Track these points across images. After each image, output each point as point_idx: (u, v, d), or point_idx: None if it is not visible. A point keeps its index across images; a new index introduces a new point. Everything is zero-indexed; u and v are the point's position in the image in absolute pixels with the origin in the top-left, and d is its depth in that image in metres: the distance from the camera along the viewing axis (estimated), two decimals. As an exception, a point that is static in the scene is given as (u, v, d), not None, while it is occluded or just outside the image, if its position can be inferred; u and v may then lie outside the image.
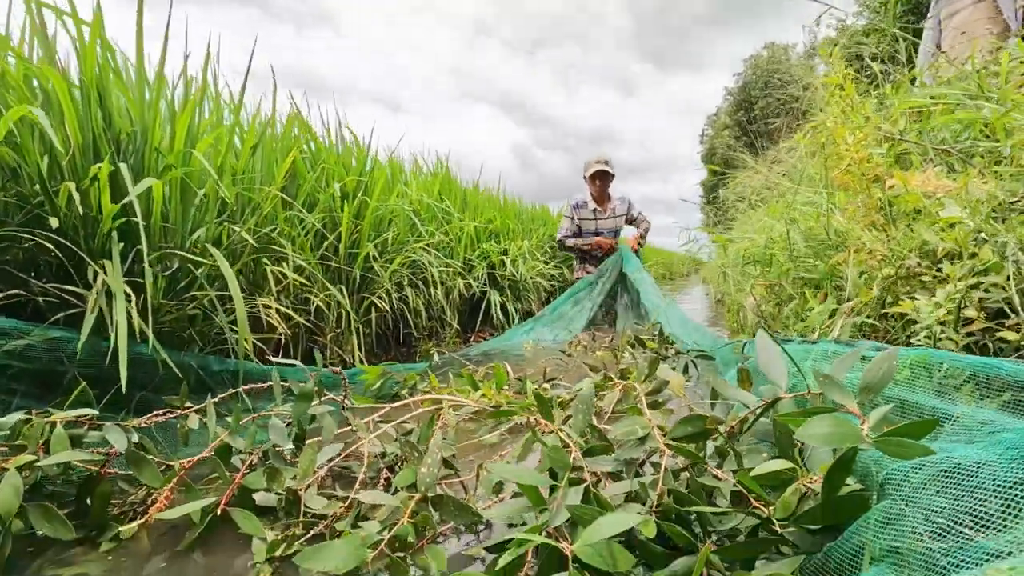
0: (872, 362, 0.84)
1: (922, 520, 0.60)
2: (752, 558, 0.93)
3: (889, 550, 0.63)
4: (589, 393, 1.04)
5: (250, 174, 2.43)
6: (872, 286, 1.38)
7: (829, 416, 0.76)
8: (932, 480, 0.63)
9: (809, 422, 0.76)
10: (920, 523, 0.59)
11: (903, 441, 0.72)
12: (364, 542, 1.00)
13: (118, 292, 1.51)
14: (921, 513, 0.61)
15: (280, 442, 1.29)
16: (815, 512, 0.83)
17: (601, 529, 0.79)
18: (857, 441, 0.75)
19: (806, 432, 0.75)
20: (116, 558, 1.11)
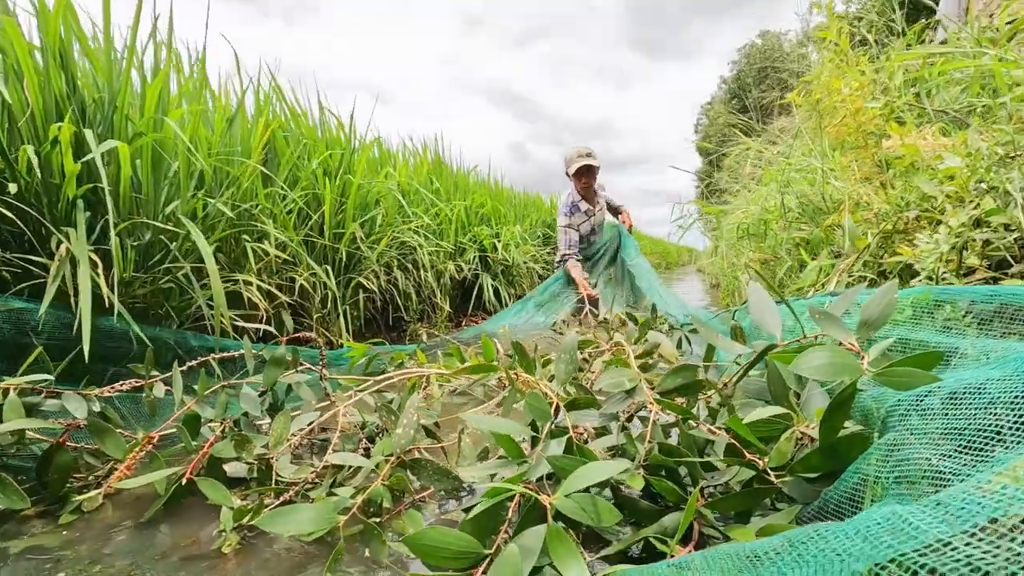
0: (871, 296, 0.78)
1: (930, 446, 0.54)
2: (747, 511, 0.87)
3: (896, 481, 0.58)
4: (572, 341, 0.98)
5: (228, 147, 2.35)
6: (865, 238, 1.32)
7: (826, 347, 0.71)
8: (940, 405, 0.57)
9: (805, 354, 0.70)
10: (928, 449, 0.54)
11: (909, 371, 0.66)
12: (335, 506, 0.94)
13: (82, 259, 1.44)
14: (929, 439, 0.55)
15: (252, 411, 1.23)
16: (812, 458, 0.78)
17: (583, 478, 0.73)
18: (857, 373, 0.69)
19: (802, 364, 0.69)
20: (74, 531, 1.04)
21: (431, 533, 0.72)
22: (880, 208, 1.43)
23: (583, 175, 4.05)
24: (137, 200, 1.87)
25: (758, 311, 0.98)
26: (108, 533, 1.04)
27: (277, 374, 1.26)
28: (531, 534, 0.73)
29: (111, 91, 1.76)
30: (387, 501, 1.01)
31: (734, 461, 0.83)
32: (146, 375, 1.25)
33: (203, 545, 0.99)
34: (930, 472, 0.53)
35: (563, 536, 0.71)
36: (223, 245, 2.34)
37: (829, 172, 2.00)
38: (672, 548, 0.74)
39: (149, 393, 1.23)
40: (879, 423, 0.75)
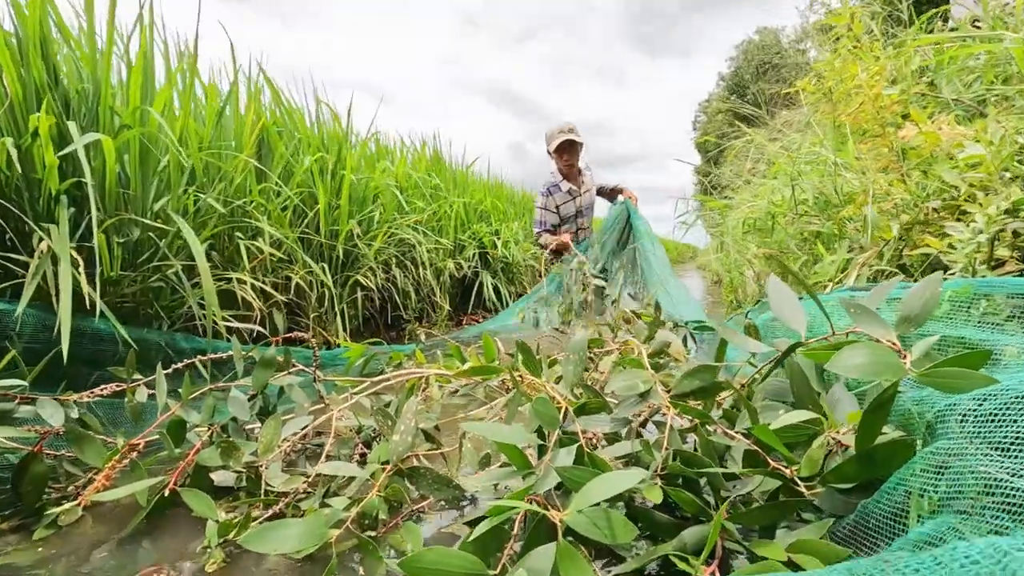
0: (912, 290, 0.72)
1: (998, 458, 0.47)
2: (772, 524, 0.81)
3: (950, 496, 0.51)
4: (582, 341, 0.91)
5: (219, 142, 2.28)
6: (890, 228, 1.25)
7: (865, 344, 0.64)
8: (1005, 409, 0.50)
9: (842, 352, 0.64)
10: (994, 461, 0.47)
11: (958, 371, 0.59)
12: (327, 520, 0.87)
13: (63, 256, 1.37)
14: (992, 450, 0.49)
15: (240, 415, 1.16)
16: (848, 467, 0.71)
17: (596, 492, 0.66)
18: (901, 373, 0.62)
19: (840, 363, 0.62)
20: (50, 547, 0.98)
21: (429, 556, 0.66)
22: (901, 199, 1.36)
23: (565, 152, 3.70)
24: (125, 196, 1.80)
25: (779, 306, 0.91)
26: (86, 549, 0.97)
27: (267, 376, 1.19)
28: (540, 555, 0.66)
29: (95, 82, 1.69)
30: (383, 513, 0.94)
31: (762, 472, 0.76)
32: (128, 378, 1.18)
33: (187, 562, 0.92)
34: (999, 489, 0.46)
35: (575, 556, 0.64)
36: (216, 243, 2.27)
37: (841, 164, 1.93)
38: (697, 569, 0.67)
39: (131, 397, 1.16)
40: (923, 429, 0.68)
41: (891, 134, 1.48)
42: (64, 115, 1.64)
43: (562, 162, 3.75)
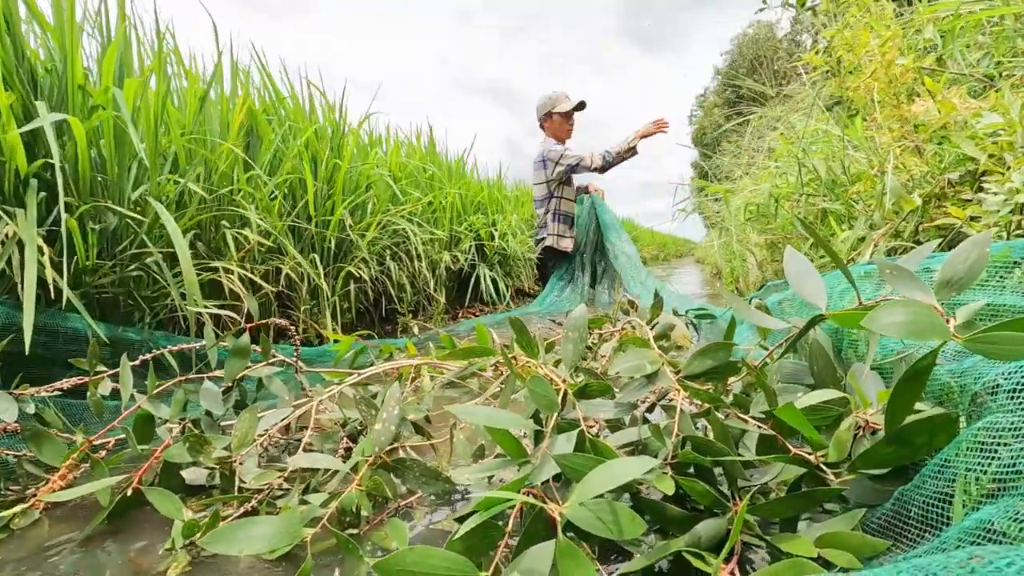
0: (954, 252, 0.63)
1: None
2: (795, 516, 0.73)
3: (1007, 479, 0.43)
4: (581, 317, 0.83)
5: (202, 127, 2.19)
6: (912, 199, 1.17)
7: (904, 302, 0.56)
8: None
9: (879, 309, 0.55)
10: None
11: (1015, 336, 0.51)
12: (302, 517, 0.79)
13: (29, 241, 1.28)
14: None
15: (214, 408, 1.07)
16: (880, 449, 0.63)
17: (599, 482, 0.58)
18: (946, 336, 0.54)
19: (876, 321, 0.54)
20: (0, 551, 0.89)
21: (409, 556, 0.58)
22: (917, 172, 1.28)
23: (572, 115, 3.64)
24: (103, 182, 1.71)
25: (797, 279, 0.83)
26: (40, 553, 0.89)
27: (241, 366, 1.10)
28: (537, 553, 0.58)
29: (64, 59, 1.60)
30: (366, 509, 0.86)
31: (783, 459, 0.68)
32: (90, 371, 1.10)
33: (149, 566, 0.84)
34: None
35: (576, 554, 0.56)
36: (201, 233, 2.19)
37: (848, 141, 1.85)
38: (715, 568, 0.59)
39: (94, 391, 1.08)
40: (967, 404, 0.60)
41: (904, 105, 1.40)
42: (32, 94, 1.55)
43: (566, 127, 3.67)
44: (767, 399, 0.79)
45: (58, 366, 1.37)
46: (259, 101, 2.83)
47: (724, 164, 5.66)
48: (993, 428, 0.51)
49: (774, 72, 7.85)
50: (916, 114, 1.46)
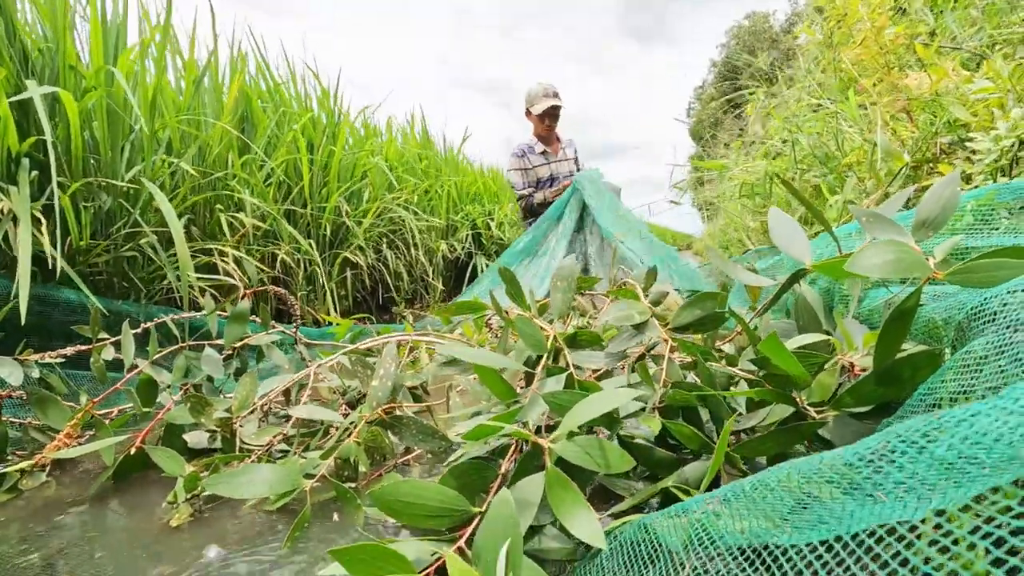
0: (928, 192, 0.65)
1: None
2: (781, 454, 0.74)
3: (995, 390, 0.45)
4: (570, 266, 0.84)
5: (197, 110, 2.19)
6: (902, 156, 1.19)
7: (885, 243, 0.57)
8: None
9: (861, 252, 0.57)
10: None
11: (996, 263, 0.53)
12: (301, 468, 0.80)
13: (23, 216, 1.29)
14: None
15: (214, 373, 1.09)
16: (865, 386, 0.64)
17: (585, 412, 0.60)
18: (926, 271, 0.56)
19: (860, 262, 0.56)
20: (7, 510, 0.91)
21: (404, 488, 0.59)
22: (908, 136, 1.29)
23: (548, 116, 3.49)
24: (95, 161, 1.72)
25: (782, 236, 0.84)
26: (47, 512, 0.90)
27: (241, 331, 1.12)
28: (528, 484, 0.60)
29: (56, 38, 1.60)
30: (364, 464, 0.88)
31: (766, 392, 0.69)
32: (93, 337, 1.11)
33: (153, 520, 0.85)
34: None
35: (566, 483, 0.58)
36: (196, 217, 2.19)
37: (841, 115, 1.86)
38: (700, 496, 0.61)
39: (97, 357, 1.09)
40: (952, 335, 0.62)
41: (895, 72, 1.41)
42: (24, 74, 1.56)
43: (543, 126, 3.55)
44: (754, 348, 0.81)
45: (56, 338, 1.38)
46: (254, 87, 2.83)
47: (720, 155, 5.67)
48: (979, 349, 0.53)
49: (772, 61, 7.83)
50: (908, 86, 1.47)
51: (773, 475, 0.41)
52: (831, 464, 0.36)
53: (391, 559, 0.50)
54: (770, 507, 0.40)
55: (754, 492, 0.41)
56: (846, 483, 0.34)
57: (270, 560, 0.72)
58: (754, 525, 0.43)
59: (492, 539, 0.48)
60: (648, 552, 0.50)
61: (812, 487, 0.37)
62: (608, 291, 0.94)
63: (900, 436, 0.32)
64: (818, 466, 0.38)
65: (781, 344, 0.62)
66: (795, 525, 0.39)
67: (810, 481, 0.38)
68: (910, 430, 0.32)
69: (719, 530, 0.45)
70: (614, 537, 0.54)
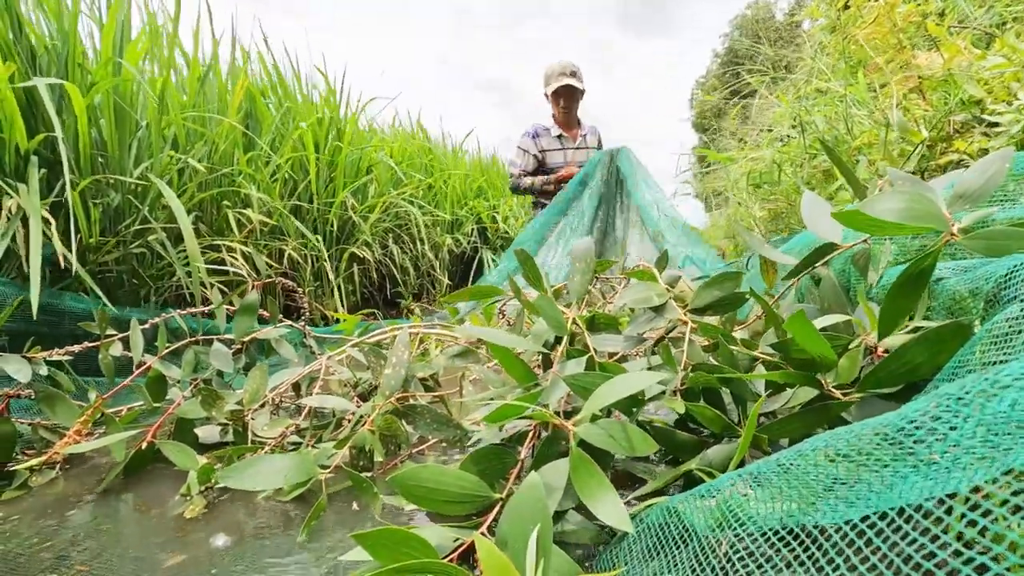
0: (975, 165, 0.63)
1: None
2: (806, 436, 0.73)
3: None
4: (587, 247, 0.83)
5: (202, 107, 2.19)
6: (919, 131, 1.17)
7: (903, 191, 0.55)
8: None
9: (877, 196, 0.55)
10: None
11: (1010, 231, 0.51)
12: (316, 457, 0.79)
13: (33, 214, 1.29)
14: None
15: (223, 367, 1.08)
16: (892, 362, 0.63)
17: (608, 394, 0.58)
18: (942, 225, 0.54)
19: (874, 206, 0.54)
20: (17, 505, 0.90)
21: (424, 473, 0.58)
22: (921, 114, 1.27)
23: (562, 97, 3.11)
24: (104, 159, 1.72)
25: (812, 219, 0.83)
26: (58, 507, 0.90)
27: (250, 323, 1.11)
28: (552, 469, 0.58)
29: (63, 35, 1.60)
30: (379, 453, 0.87)
31: (792, 375, 0.68)
32: (101, 334, 1.10)
33: (166, 513, 0.85)
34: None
35: (591, 467, 0.56)
36: (203, 214, 2.19)
37: (851, 98, 1.83)
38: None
39: (105, 353, 1.09)
40: (980, 307, 0.60)
41: (908, 51, 1.39)
42: (31, 71, 1.55)
43: (558, 108, 3.20)
44: (776, 328, 0.79)
45: (64, 344, 1.37)
46: (260, 83, 2.82)
47: (725, 145, 5.63)
48: (1013, 317, 0.51)
49: (776, 40, 7.74)
50: (920, 65, 1.44)
51: (809, 447, 0.40)
52: (877, 430, 0.35)
53: (415, 544, 0.49)
54: (808, 482, 0.39)
55: (790, 466, 0.39)
56: (897, 450, 0.33)
57: (287, 549, 0.71)
58: (790, 504, 0.42)
59: (520, 524, 0.47)
60: (677, 534, 0.49)
61: (857, 458, 0.36)
62: (625, 273, 0.92)
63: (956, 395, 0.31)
64: (861, 434, 0.36)
65: (808, 323, 0.60)
66: (832, 501, 0.37)
67: (851, 453, 0.37)
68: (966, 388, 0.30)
69: (750, 510, 0.44)
70: (640, 520, 0.53)
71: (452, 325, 1.44)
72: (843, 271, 1.09)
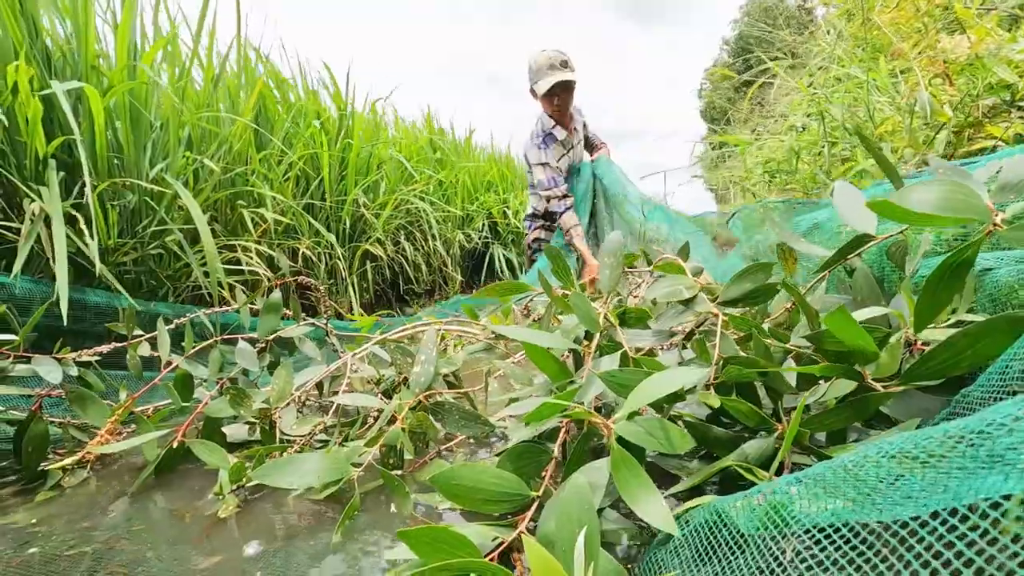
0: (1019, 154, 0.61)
1: None
2: (843, 430, 0.72)
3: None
4: (617, 242, 0.82)
5: (215, 107, 2.19)
6: (944, 111, 1.14)
7: (942, 180, 0.54)
8: None
9: (912, 187, 0.53)
10: None
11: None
12: (347, 456, 0.79)
13: (55, 216, 1.29)
14: None
15: (249, 365, 1.08)
16: (941, 353, 0.61)
17: (649, 391, 0.58)
18: (983, 216, 0.52)
19: (908, 197, 0.52)
20: (52, 507, 0.91)
21: (463, 471, 0.58)
22: (948, 99, 1.24)
23: (557, 96, 2.67)
24: (120, 161, 1.72)
25: (846, 208, 0.81)
26: (91, 507, 0.91)
27: (275, 322, 1.11)
28: (592, 466, 0.58)
29: (79, 39, 1.60)
30: (409, 450, 0.86)
31: (833, 368, 0.66)
32: (128, 334, 1.11)
33: (198, 512, 0.85)
34: None
35: (633, 465, 0.55)
36: (218, 214, 2.20)
37: (872, 84, 1.80)
38: (767, 480, 0.59)
39: (133, 354, 1.09)
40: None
41: (933, 34, 1.35)
42: (47, 75, 1.56)
43: (552, 106, 2.74)
44: (809, 321, 0.78)
45: (89, 339, 1.39)
46: (271, 81, 2.82)
47: (737, 130, 5.57)
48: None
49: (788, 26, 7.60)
50: (945, 49, 1.41)
51: (873, 450, 0.39)
52: (951, 433, 0.34)
53: (458, 542, 0.49)
54: (875, 485, 0.38)
55: (857, 469, 0.38)
56: (980, 453, 0.32)
57: (321, 548, 0.71)
58: (862, 507, 0.40)
59: (567, 524, 0.46)
60: (730, 538, 0.47)
61: (929, 460, 0.35)
62: (654, 266, 0.91)
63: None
64: (931, 436, 0.35)
65: (850, 317, 0.59)
66: (901, 501, 0.36)
67: (921, 455, 0.35)
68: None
69: (810, 512, 0.42)
70: (686, 522, 0.52)
71: (474, 323, 1.44)
72: (878, 262, 1.07)
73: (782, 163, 2.43)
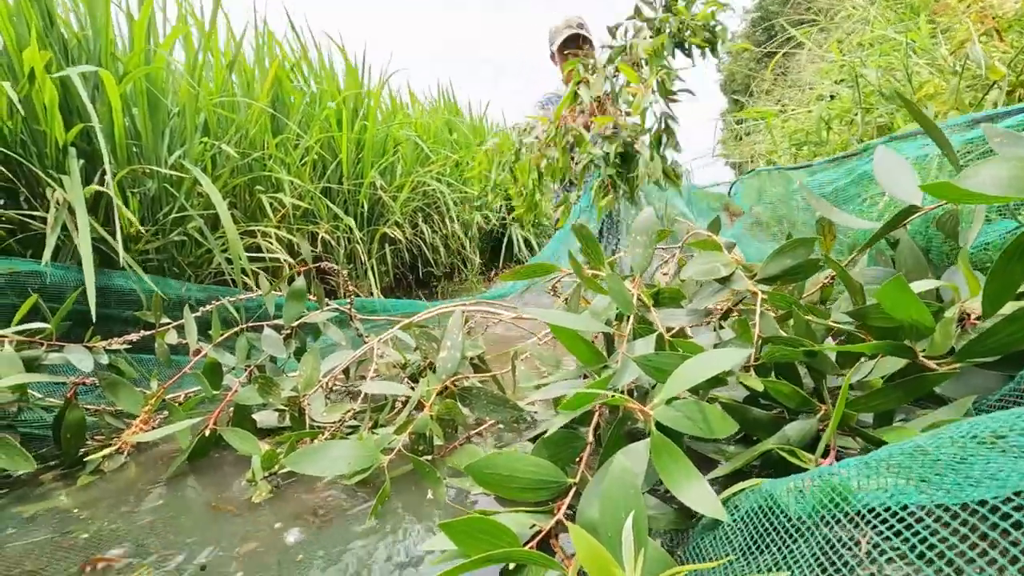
0: None
1: None
2: (890, 411, 0.69)
3: None
4: (650, 219, 0.78)
5: (230, 92, 2.18)
6: (998, 67, 1.07)
7: (1009, 157, 0.50)
8: None
9: (976, 166, 0.49)
10: None
11: None
12: (377, 443, 0.78)
13: (78, 204, 1.30)
14: None
15: (276, 353, 1.08)
16: (1001, 328, 0.57)
17: (689, 375, 0.55)
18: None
19: (973, 178, 0.48)
20: (93, 491, 0.93)
21: (498, 459, 0.56)
22: (999, 56, 1.17)
23: (570, 50, 2.68)
24: (139, 148, 1.72)
25: (888, 177, 0.77)
26: (130, 492, 0.92)
27: (300, 308, 1.10)
28: (631, 451, 0.56)
29: (95, 26, 1.59)
30: (438, 436, 0.85)
31: (883, 346, 0.63)
32: (156, 322, 1.11)
33: (232, 497, 0.86)
34: None
35: (674, 451, 0.53)
36: (236, 200, 2.20)
37: (911, 45, 1.71)
38: (812, 463, 0.56)
39: (161, 342, 1.10)
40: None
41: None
42: (64, 62, 1.55)
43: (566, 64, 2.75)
44: (853, 296, 0.74)
45: (114, 324, 1.40)
46: (285, 63, 2.80)
47: (760, 102, 5.41)
48: None
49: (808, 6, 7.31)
50: (994, 3, 1.33)
51: (948, 433, 0.36)
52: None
53: (498, 532, 0.48)
54: (957, 467, 0.35)
55: (939, 453, 0.35)
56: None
57: (355, 533, 0.71)
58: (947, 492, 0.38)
59: (611, 510, 0.45)
60: (789, 525, 0.45)
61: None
62: (684, 242, 0.88)
63: None
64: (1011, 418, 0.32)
65: (907, 288, 0.55)
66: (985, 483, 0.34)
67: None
68: None
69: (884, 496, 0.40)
70: (736, 508, 0.50)
71: (501, 304, 1.42)
72: (923, 232, 1.02)
73: (811, 134, 2.34)
